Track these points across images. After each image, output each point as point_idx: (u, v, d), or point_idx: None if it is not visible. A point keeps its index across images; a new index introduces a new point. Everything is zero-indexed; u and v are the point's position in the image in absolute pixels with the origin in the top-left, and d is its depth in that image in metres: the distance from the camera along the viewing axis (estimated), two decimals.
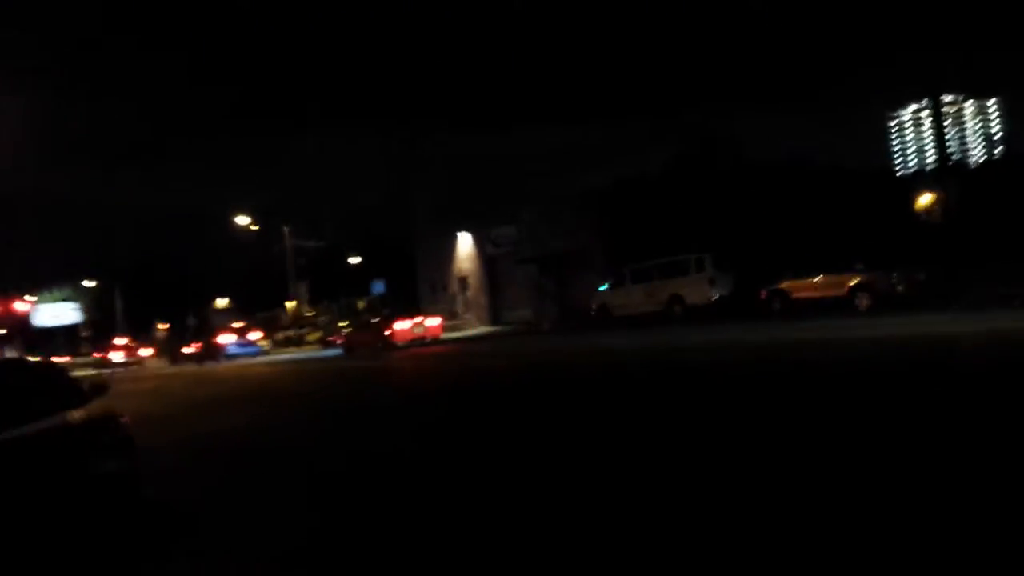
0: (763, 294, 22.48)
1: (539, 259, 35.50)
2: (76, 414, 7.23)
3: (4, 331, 76.80)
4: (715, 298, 24.00)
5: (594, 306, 28.02)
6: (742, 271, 24.85)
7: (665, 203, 30.50)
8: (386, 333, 32.48)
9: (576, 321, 30.34)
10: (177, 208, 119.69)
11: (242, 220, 58.76)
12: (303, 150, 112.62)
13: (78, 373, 17.61)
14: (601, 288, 27.93)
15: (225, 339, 43.34)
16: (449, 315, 41.14)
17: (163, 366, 45.19)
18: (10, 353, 69.51)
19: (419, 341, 32.65)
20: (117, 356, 51.63)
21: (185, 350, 45.67)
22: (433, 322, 34.11)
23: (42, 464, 6.40)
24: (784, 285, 22.03)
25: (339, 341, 36.80)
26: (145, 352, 51.36)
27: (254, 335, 45.10)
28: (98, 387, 8.21)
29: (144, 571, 5.67)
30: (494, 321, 39.36)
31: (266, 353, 42.03)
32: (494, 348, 24.82)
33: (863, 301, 19.89)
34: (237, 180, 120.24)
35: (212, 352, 42.54)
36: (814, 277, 21.42)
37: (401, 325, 32.83)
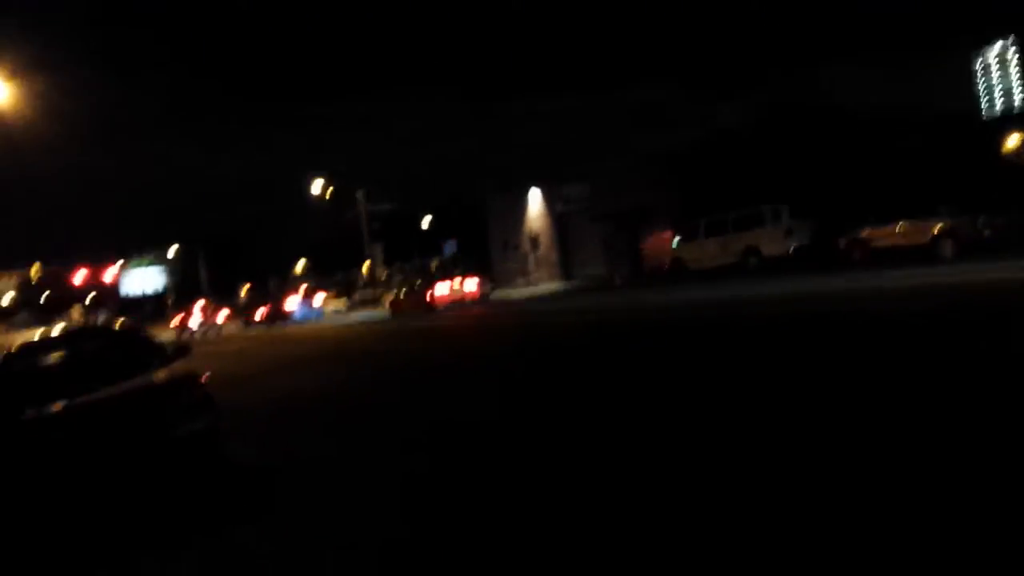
0: (842, 243, 21.85)
1: (612, 215, 35.20)
2: (159, 375, 7.52)
3: (92, 297, 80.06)
4: (792, 249, 23.44)
5: (667, 260, 27.69)
6: (821, 220, 24.18)
7: (741, 157, 29.87)
8: (427, 298, 34.06)
9: (649, 276, 30.06)
10: (258, 176, 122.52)
11: (318, 186, 59.77)
12: (376, 114, 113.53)
13: (162, 337, 18.32)
14: (675, 241, 27.55)
15: (290, 304, 45.43)
16: (520, 273, 41.29)
17: (238, 329, 46.48)
18: (101, 318, 72.58)
19: (459, 303, 34.27)
20: (194, 321, 52.89)
21: (256, 314, 47.46)
22: (471, 285, 35.59)
23: (126, 422, 6.68)
24: (864, 234, 21.36)
25: (388, 304, 38.06)
26: (221, 316, 52.86)
27: (317, 299, 47.02)
28: (180, 349, 8.51)
29: (222, 533, 5.79)
30: (566, 278, 39.30)
31: (337, 314, 43.62)
32: (560, 305, 24.70)
33: (947, 248, 19.14)
34: (314, 147, 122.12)
35: (280, 315, 44.55)
36: (895, 224, 20.70)
37: (441, 289, 34.69)
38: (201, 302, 55.66)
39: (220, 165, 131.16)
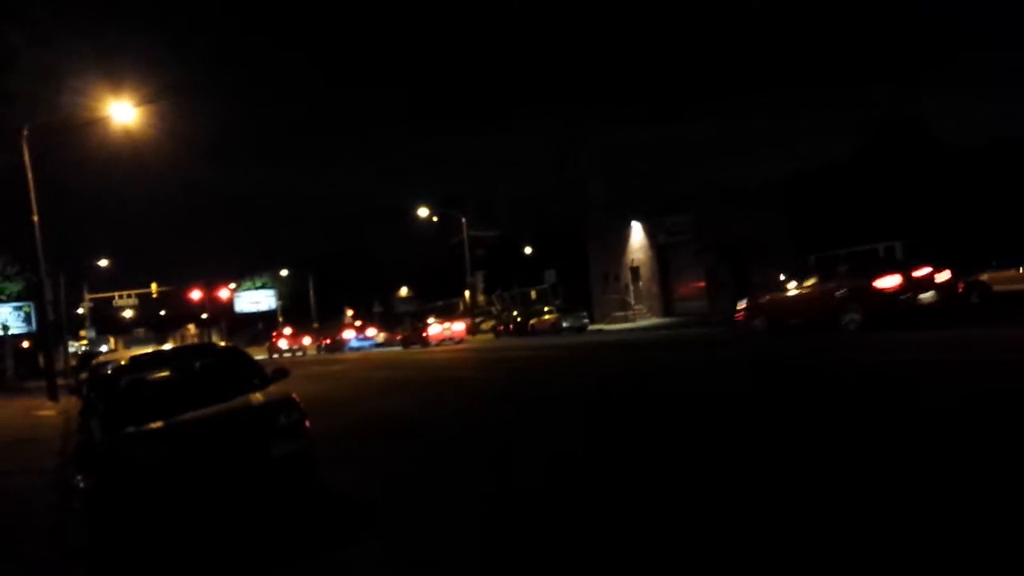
0: (960, 286, 20.74)
1: (717, 247, 34.51)
2: (258, 396, 7.67)
3: (207, 316, 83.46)
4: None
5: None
6: (939, 261, 22.95)
7: (853, 190, 28.85)
8: (423, 334, 44.36)
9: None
10: (366, 201, 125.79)
11: (423, 212, 61.00)
12: (480, 143, 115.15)
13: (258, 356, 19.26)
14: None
15: (347, 334, 56.50)
16: (620, 306, 40.90)
17: (317, 353, 54.69)
18: (215, 338, 75.51)
19: (449, 340, 43.22)
20: (283, 343, 59.06)
21: (324, 340, 58.21)
22: (458, 326, 45.40)
23: (224, 442, 6.80)
24: (985, 277, 20.26)
25: (398, 338, 49.03)
26: (307, 340, 59.03)
27: (369, 332, 56.68)
28: (280, 371, 8.68)
29: (318, 559, 5.78)
30: (666, 312, 38.69)
31: (380, 345, 52.85)
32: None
33: None
34: (420, 174, 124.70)
35: (337, 344, 55.21)
36: (1020, 268, 19.56)
37: (434, 328, 44.52)
38: (288, 329, 62.45)
39: (331, 189, 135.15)
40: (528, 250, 63.96)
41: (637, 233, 40.65)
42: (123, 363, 8.78)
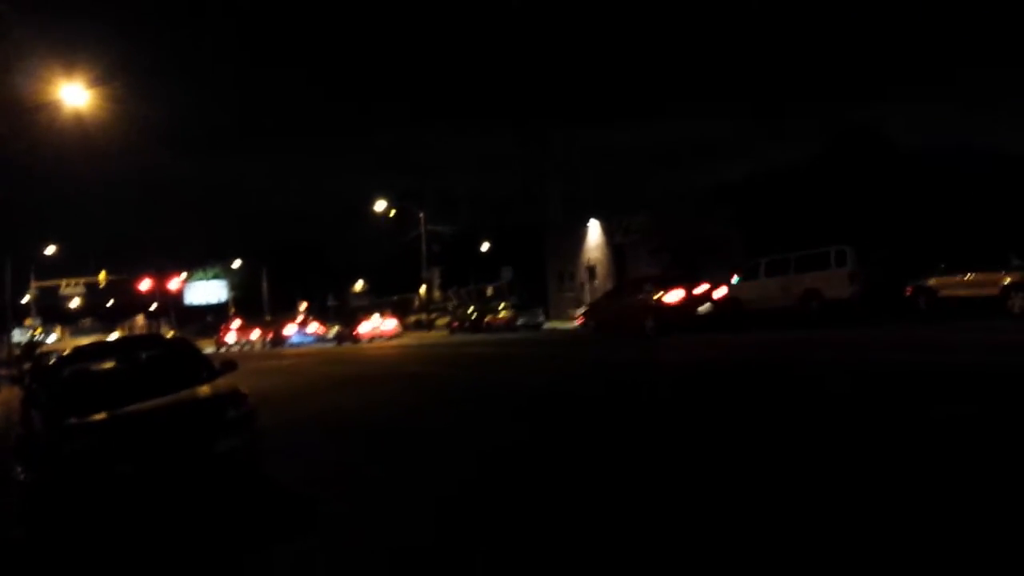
0: (908, 291, 21.18)
1: (671, 248, 34.82)
2: (204, 389, 7.55)
3: (156, 306, 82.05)
4: (855, 294, 22.76)
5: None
6: (888, 266, 23.42)
7: (806, 195, 29.28)
8: (353, 332, 46.04)
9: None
10: (323, 194, 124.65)
11: (380, 206, 60.63)
12: (439, 139, 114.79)
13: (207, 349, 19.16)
14: (733, 281, 27.04)
15: (288, 330, 55.01)
16: (575, 304, 41.09)
17: (262, 347, 54.35)
18: (164, 329, 74.20)
19: (379, 337, 44.70)
20: (231, 337, 58.28)
21: (267, 335, 57.43)
22: (389, 324, 46.87)
23: (167, 435, 6.67)
24: (931, 282, 20.66)
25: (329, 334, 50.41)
26: (255, 335, 58.81)
27: (310, 327, 55.26)
28: (228, 364, 8.56)
29: (258, 554, 5.72)
30: None
31: (323, 340, 51.59)
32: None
33: (1017, 302, 18.36)
34: (379, 169, 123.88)
35: (278, 339, 54.18)
36: (964, 274, 19.98)
37: (364, 326, 46.07)
38: (237, 322, 61.29)
39: (287, 181, 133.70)
40: (486, 247, 63.97)
41: (594, 232, 40.87)
42: (66, 353, 8.59)
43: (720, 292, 24.00)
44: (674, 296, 23.27)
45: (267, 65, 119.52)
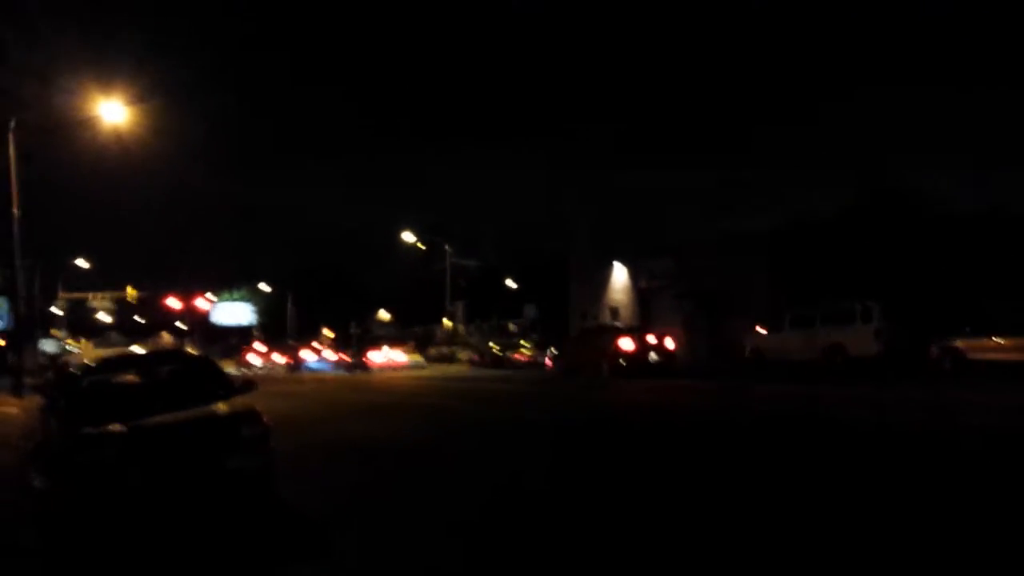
0: (934, 351, 20.91)
1: (696, 295, 34.69)
2: (222, 406, 7.59)
3: (184, 327, 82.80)
4: (880, 351, 22.49)
5: (748, 348, 27.02)
6: (916, 325, 23.11)
7: (836, 249, 29.12)
8: (363, 360, 47.24)
9: (725, 362, 29.33)
10: (352, 223, 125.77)
11: (408, 237, 61.06)
12: (469, 175, 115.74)
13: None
14: (757, 331, 26.89)
15: (305, 354, 56.02)
16: None
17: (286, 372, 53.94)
18: (188, 347, 74.77)
19: (389, 368, 45.68)
20: (255, 359, 58.50)
21: (289, 359, 57.82)
22: (399, 356, 48.05)
23: (182, 449, 6.72)
24: (959, 343, 20.41)
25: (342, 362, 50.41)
26: (277, 358, 58.70)
27: (326, 354, 56.30)
28: (247, 383, 8.63)
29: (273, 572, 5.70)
30: None
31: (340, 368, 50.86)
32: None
33: None
34: (408, 201, 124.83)
35: (296, 363, 54.81)
36: (994, 336, 19.72)
37: (374, 355, 47.71)
38: (260, 345, 64.78)
39: (316, 207, 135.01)
40: (511, 283, 64.07)
41: (620, 274, 40.82)
42: (89, 363, 8.69)
43: (669, 343, 27.15)
44: (627, 344, 26.22)
45: (304, 89, 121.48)
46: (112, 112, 24.03)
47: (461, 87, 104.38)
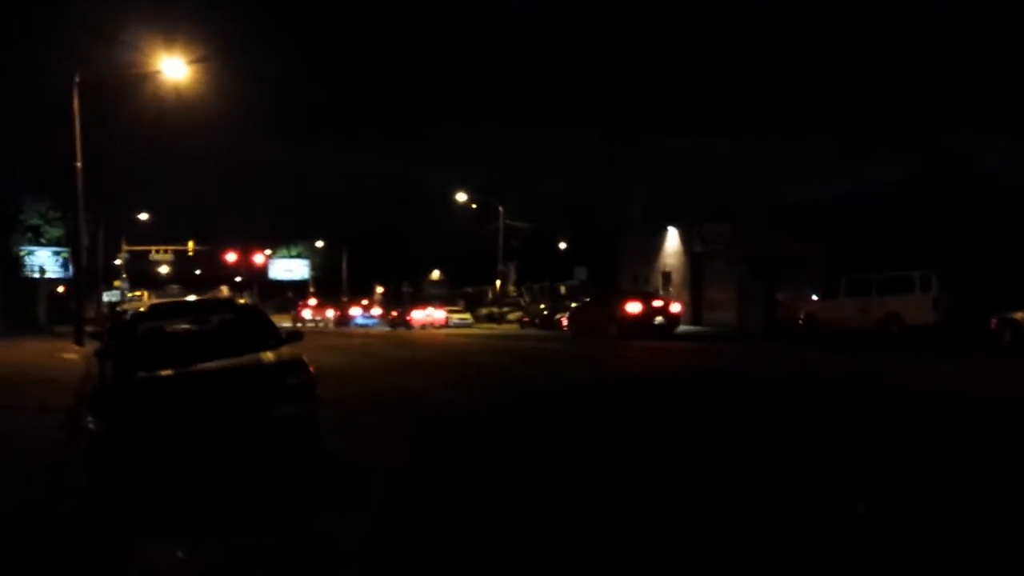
0: (993, 322, 20.33)
1: (751, 261, 34.14)
2: (269, 355, 7.71)
3: (241, 279, 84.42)
4: (938, 321, 21.97)
5: (801, 315, 26.61)
6: (977, 296, 22.47)
7: (894, 218, 28.40)
8: (407, 318, 48.59)
9: (774, 328, 28.93)
10: (408, 183, 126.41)
11: (462, 198, 61.12)
12: (525, 138, 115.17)
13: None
14: (812, 298, 26.46)
15: (354, 311, 59.32)
16: None
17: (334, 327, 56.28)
18: (245, 299, 76.22)
19: (430, 325, 46.32)
20: (307, 313, 60.60)
21: (338, 314, 60.65)
22: (439, 314, 48.69)
23: (229, 396, 6.86)
24: (1019, 315, 19.79)
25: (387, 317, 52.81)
26: (329, 313, 61.22)
27: (374, 310, 59.66)
28: (293, 334, 8.76)
29: (302, 519, 5.82)
30: (694, 320, 38.38)
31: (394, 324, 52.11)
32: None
33: None
34: (465, 162, 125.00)
35: (344, 318, 57.49)
36: None
37: (416, 313, 49.03)
38: (313, 300, 67.07)
39: (376, 167, 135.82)
40: (563, 246, 63.85)
41: (672, 239, 40.37)
42: (142, 310, 8.91)
43: (675, 308, 29.30)
44: (634, 307, 27.79)
45: (367, 55, 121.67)
46: (174, 69, 24.31)
47: (527, 56, 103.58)
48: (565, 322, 33.78)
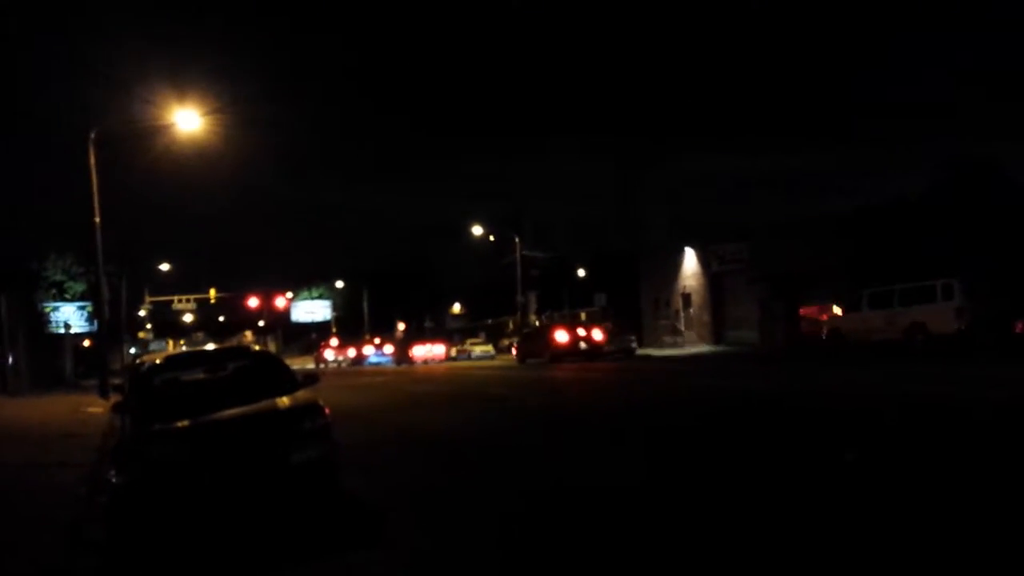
0: (1018, 327, 20.03)
1: (771, 278, 33.98)
2: (284, 401, 7.70)
3: (264, 323, 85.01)
4: (962, 329, 21.66)
5: (826, 330, 26.38)
6: (998, 301, 22.15)
7: (915, 228, 28.22)
8: (408, 353, 52.39)
9: (804, 346, 28.66)
10: (424, 218, 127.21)
11: (478, 231, 61.34)
12: (539, 166, 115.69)
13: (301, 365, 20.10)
14: (835, 311, 26.24)
15: (367, 350, 58.97)
16: (669, 331, 40.60)
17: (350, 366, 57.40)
18: (270, 344, 76.73)
19: (431, 360, 49.94)
20: (329, 354, 60.69)
21: (343, 354, 61.48)
22: (438, 349, 52.88)
23: (245, 445, 6.85)
24: None
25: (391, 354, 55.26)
26: (352, 353, 61.26)
27: (386, 348, 59.07)
28: (309, 377, 8.75)
29: (324, 563, 5.79)
30: (716, 340, 38.17)
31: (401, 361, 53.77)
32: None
33: None
34: (479, 194, 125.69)
35: (359, 358, 57.88)
36: None
37: (417, 349, 52.68)
38: (335, 340, 67.65)
39: (390, 204, 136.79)
40: (581, 272, 63.79)
41: (690, 260, 40.28)
42: (158, 362, 8.93)
43: (596, 335, 34.43)
44: (561, 336, 33.77)
45: (373, 91, 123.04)
46: (189, 120, 24.61)
47: (530, 86, 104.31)
48: (515, 350, 39.11)
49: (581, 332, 33.70)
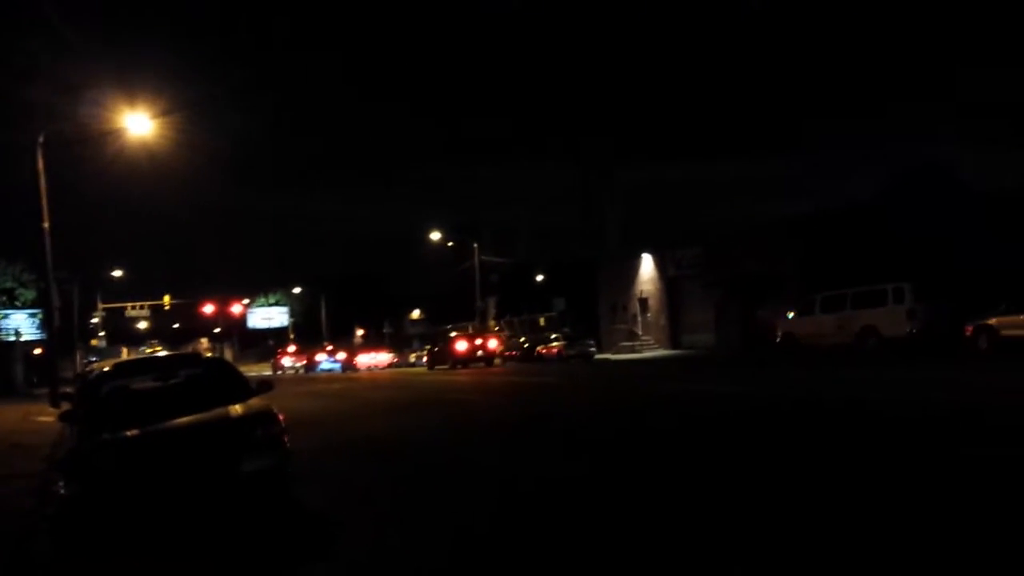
0: (968, 329, 20.45)
1: (726, 282, 34.40)
2: (237, 408, 7.59)
3: (220, 330, 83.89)
4: (913, 332, 22.09)
5: (779, 334, 26.72)
6: (948, 304, 22.55)
7: (867, 232, 28.74)
8: (352, 362, 54.30)
9: (759, 350, 29.02)
10: (381, 225, 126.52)
11: (437, 237, 61.27)
12: (500, 173, 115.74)
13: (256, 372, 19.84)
14: (788, 315, 26.60)
15: (319, 357, 58.68)
16: (627, 336, 40.89)
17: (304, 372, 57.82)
18: (227, 351, 75.74)
19: (375, 367, 52.33)
20: (287, 361, 60.67)
21: (301, 361, 61.85)
22: (383, 357, 55.61)
23: (195, 455, 6.75)
24: (992, 321, 19.91)
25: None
26: (305, 359, 61.44)
27: (338, 355, 58.72)
28: (264, 384, 8.68)
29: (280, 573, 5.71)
30: (673, 344, 38.52)
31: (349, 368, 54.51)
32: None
33: None
34: (439, 201, 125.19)
35: (311, 364, 58.37)
36: None
37: (361, 357, 55.04)
38: (292, 347, 67.52)
39: (347, 211, 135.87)
40: (540, 278, 63.97)
41: (647, 265, 40.62)
42: (107, 369, 8.78)
43: (492, 344, 39.12)
44: (460, 345, 38.43)
45: (332, 98, 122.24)
46: (140, 124, 24.18)
47: (492, 88, 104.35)
48: (426, 358, 44.00)
49: (478, 341, 38.67)
